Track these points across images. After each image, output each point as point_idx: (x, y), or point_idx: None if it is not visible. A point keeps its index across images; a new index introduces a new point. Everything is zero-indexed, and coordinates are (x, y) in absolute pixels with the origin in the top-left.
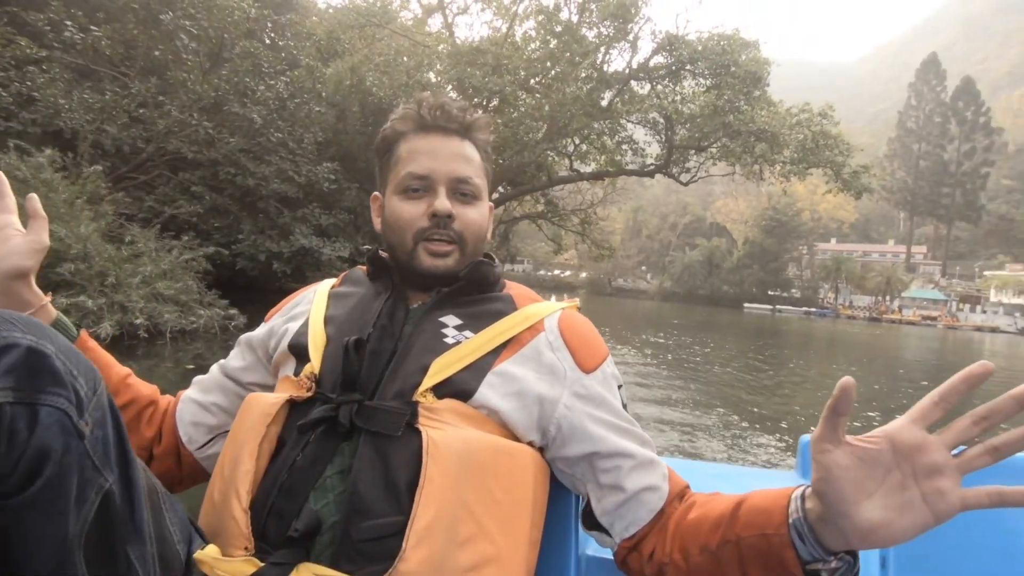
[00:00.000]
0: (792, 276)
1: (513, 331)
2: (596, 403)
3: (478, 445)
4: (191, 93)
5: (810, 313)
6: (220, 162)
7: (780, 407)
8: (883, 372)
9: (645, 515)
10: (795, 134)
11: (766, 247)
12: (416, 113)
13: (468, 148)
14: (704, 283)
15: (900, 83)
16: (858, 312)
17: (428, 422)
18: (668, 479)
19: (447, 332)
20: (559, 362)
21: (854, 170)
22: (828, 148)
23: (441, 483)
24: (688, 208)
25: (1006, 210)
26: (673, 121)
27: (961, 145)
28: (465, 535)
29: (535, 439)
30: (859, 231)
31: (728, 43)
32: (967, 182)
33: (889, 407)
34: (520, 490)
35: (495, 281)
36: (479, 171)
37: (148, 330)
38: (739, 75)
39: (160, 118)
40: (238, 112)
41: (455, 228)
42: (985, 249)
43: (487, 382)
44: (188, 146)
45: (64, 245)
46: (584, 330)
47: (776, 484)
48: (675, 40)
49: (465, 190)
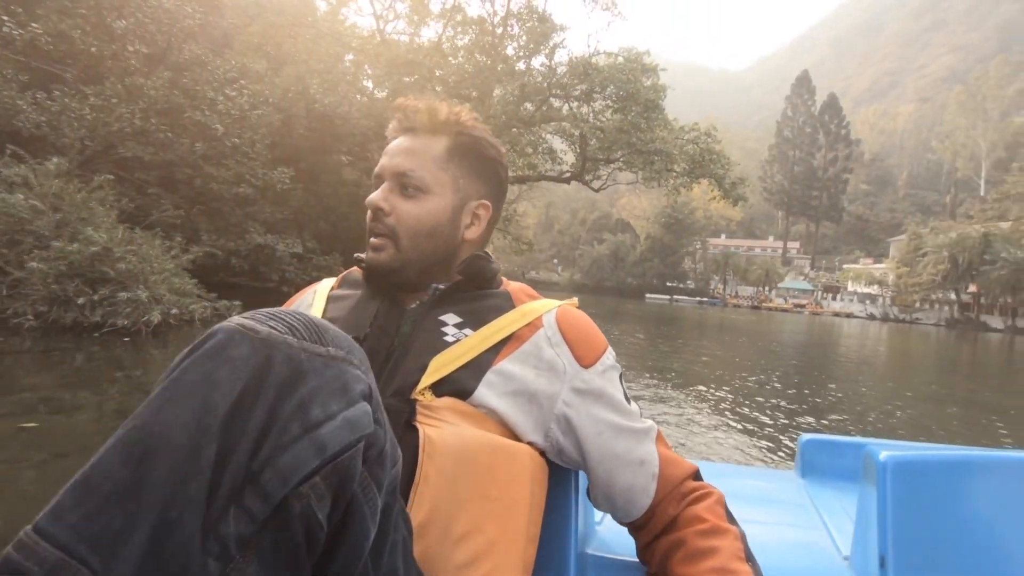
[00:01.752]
0: (687, 269)
1: (512, 328)
2: (596, 397)
3: (475, 443)
4: (147, 98)
5: (703, 302)
6: (176, 163)
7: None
8: (762, 350)
9: (635, 511)
10: (686, 148)
11: (665, 242)
12: (393, 119)
13: (428, 143)
14: (611, 275)
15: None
16: (742, 301)
17: (426, 420)
18: (659, 477)
19: (447, 330)
20: (558, 358)
21: (733, 181)
22: (713, 163)
23: (437, 481)
24: (596, 204)
25: (863, 211)
26: (587, 137)
27: (827, 153)
28: (460, 532)
29: (537, 440)
30: (745, 228)
31: (632, 70)
32: (831, 186)
33: (768, 375)
34: (517, 488)
35: (492, 277)
36: (432, 165)
37: (177, 318)
38: (641, 101)
39: (115, 121)
40: (200, 120)
41: (387, 222)
42: (846, 245)
43: (486, 381)
44: (145, 148)
45: (104, 249)
46: (582, 325)
47: (776, 484)
48: (588, 67)
49: (406, 183)
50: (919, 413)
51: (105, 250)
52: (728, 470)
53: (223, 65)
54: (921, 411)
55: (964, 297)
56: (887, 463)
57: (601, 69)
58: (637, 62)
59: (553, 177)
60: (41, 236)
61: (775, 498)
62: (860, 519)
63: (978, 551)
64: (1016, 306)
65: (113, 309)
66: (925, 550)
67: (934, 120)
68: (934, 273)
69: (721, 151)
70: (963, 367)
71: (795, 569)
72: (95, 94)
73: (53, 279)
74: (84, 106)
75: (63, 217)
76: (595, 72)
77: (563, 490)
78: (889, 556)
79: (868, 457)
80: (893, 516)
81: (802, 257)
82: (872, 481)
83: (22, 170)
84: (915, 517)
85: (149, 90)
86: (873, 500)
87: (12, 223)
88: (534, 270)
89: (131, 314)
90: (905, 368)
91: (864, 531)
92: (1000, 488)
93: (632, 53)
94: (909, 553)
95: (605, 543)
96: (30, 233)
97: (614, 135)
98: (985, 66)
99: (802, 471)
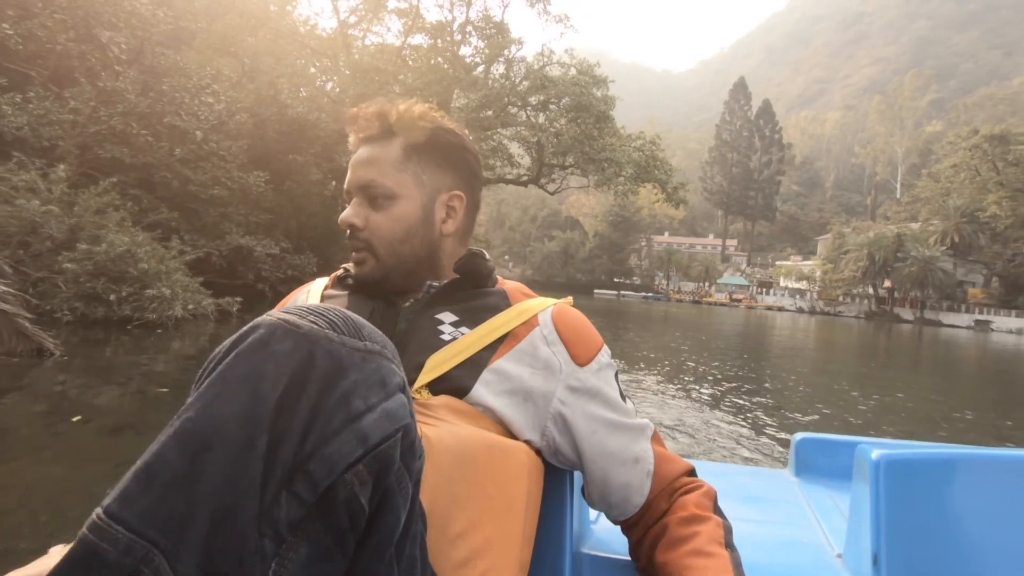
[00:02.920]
0: (634, 265)
1: (508, 326)
2: (591, 395)
3: (471, 441)
4: (126, 102)
5: (647, 297)
6: (154, 166)
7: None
8: (702, 340)
9: (630, 509)
10: (633, 156)
11: (613, 240)
12: (350, 131)
13: (381, 150)
14: (561, 271)
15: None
16: (684, 296)
17: (422, 418)
18: (653, 475)
19: (443, 328)
20: (554, 356)
21: (675, 186)
22: (657, 168)
23: (434, 479)
24: (546, 202)
25: (794, 211)
26: (543, 144)
27: (762, 156)
28: (456, 530)
29: (533, 439)
30: (687, 226)
31: (584, 83)
32: (766, 187)
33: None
34: (514, 486)
35: (488, 275)
36: (390, 169)
37: (192, 313)
38: (594, 113)
39: (93, 123)
40: (178, 125)
41: (362, 237)
42: (779, 243)
43: (482, 379)
44: (122, 150)
45: (128, 250)
46: (578, 323)
47: (770, 482)
48: (545, 79)
49: (373, 194)
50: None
51: (128, 251)
52: (722, 469)
53: (198, 72)
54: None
55: (880, 292)
56: (879, 461)
57: (556, 82)
58: (588, 74)
59: (511, 180)
60: (53, 238)
61: (769, 497)
62: (853, 517)
63: (970, 548)
64: (924, 300)
65: (139, 304)
66: (917, 547)
67: (857, 127)
68: (854, 270)
69: (664, 158)
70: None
71: (788, 567)
72: (72, 96)
73: (84, 278)
74: (64, 109)
75: (77, 221)
76: (551, 84)
77: (558, 489)
78: (882, 553)
79: (861, 455)
80: (886, 514)
81: (739, 254)
82: (865, 479)
83: (32, 176)
84: (907, 515)
85: (127, 94)
86: (866, 498)
87: (24, 226)
88: None
89: (157, 309)
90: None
91: (857, 529)
92: (992, 486)
93: (583, 64)
94: (901, 550)
95: (600, 542)
96: (46, 237)
97: (569, 143)
98: (901, 78)
99: (796, 470)
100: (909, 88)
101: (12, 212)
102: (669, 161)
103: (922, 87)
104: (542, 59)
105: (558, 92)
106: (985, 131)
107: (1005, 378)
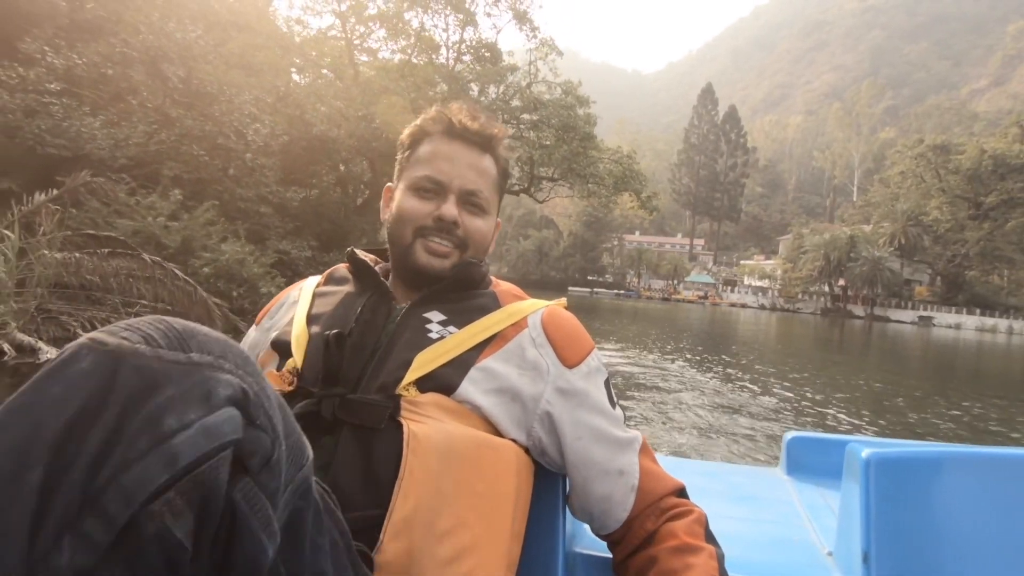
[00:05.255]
0: (606, 263)
1: (497, 327)
2: (579, 399)
3: (460, 438)
4: (183, 126)
5: (619, 294)
6: (207, 181)
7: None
8: (672, 332)
9: (611, 524)
10: (613, 169)
11: (586, 239)
12: (447, 118)
13: (486, 162)
14: (535, 269)
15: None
16: (654, 293)
17: (410, 415)
18: (637, 490)
19: (431, 327)
20: (542, 358)
21: (648, 195)
22: (633, 179)
23: (421, 476)
24: (522, 202)
25: (758, 212)
26: (535, 159)
27: (728, 159)
28: (444, 527)
29: (519, 437)
30: (656, 226)
31: (569, 104)
32: (731, 189)
33: (673, 349)
34: (502, 483)
35: (481, 279)
36: (492, 186)
37: None
38: (579, 133)
39: (155, 144)
40: (232, 147)
41: (459, 234)
42: (744, 243)
43: (470, 377)
44: (182, 167)
45: (240, 258)
46: (568, 325)
47: (762, 481)
48: (537, 102)
49: (475, 201)
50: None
51: (241, 258)
52: (713, 468)
53: (238, 95)
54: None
55: (835, 290)
56: (869, 460)
57: (547, 104)
58: (572, 93)
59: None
60: (168, 248)
61: (760, 495)
62: (843, 515)
63: (959, 545)
64: (874, 297)
65: (252, 299)
66: (907, 545)
67: (817, 131)
68: (812, 269)
69: (639, 171)
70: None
71: (779, 564)
72: (140, 121)
73: (212, 279)
74: (137, 132)
75: (189, 234)
76: (542, 106)
77: (550, 488)
78: (872, 551)
79: (851, 454)
80: (876, 512)
81: (706, 253)
82: (855, 478)
83: (153, 199)
84: (897, 512)
85: (186, 120)
86: (856, 496)
87: (150, 238)
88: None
89: (266, 303)
90: (789, 345)
91: (847, 527)
92: (980, 483)
93: (568, 85)
94: (891, 548)
95: (593, 542)
96: (164, 247)
97: (558, 160)
98: (858, 85)
99: (787, 468)
100: (865, 96)
101: (139, 227)
102: (643, 173)
103: (877, 95)
104: (528, 76)
105: (548, 114)
106: (929, 141)
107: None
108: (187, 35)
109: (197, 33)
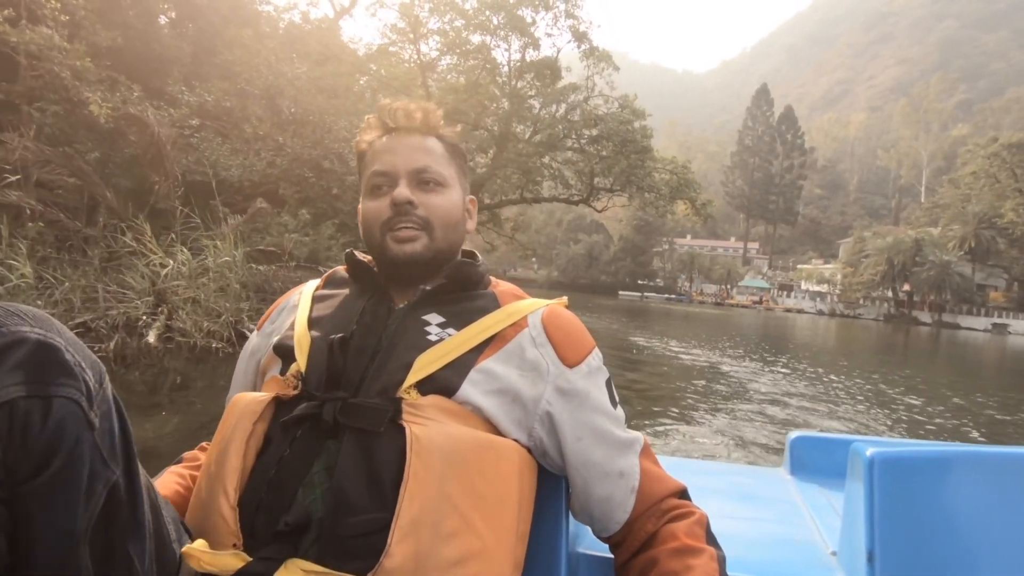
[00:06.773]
0: (657, 268)
1: (496, 328)
2: (580, 399)
3: (462, 440)
4: (292, 153)
5: (670, 299)
6: (312, 199)
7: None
8: (726, 336)
9: (612, 526)
10: (669, 180)
11: (636, 243)
12: (379, 119)
13: (429, 142)
14: (585, 273)
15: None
16: (707, 298)
17: (412, 418)
18: (638, 492)
19: (430, 330)
20: (542, 358)
21: (703, 203)
22: (688, 188)
23: (425, 478)
24: (571, 207)
25: (816, 214)
26: (595, 171)
27: (783, 161)
28: (450, 530)
29: (521, 439)
30: (709, 229)
31: (626, 119)
32: (787, 192)
33: (733, 355)
34: (506, 484)
35: (479, 280)
36: (442, 161)
37: None
38: (636, 147)
39: (269, 167)
40: (334, 169)
41: (419, 214)
42: (800, 246)
43: (470, 379)
44: (291, 187)
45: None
46: (568, 325)
47: (765, 481)
48: (598, 118)
49: (427, 178)
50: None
51: None
52: (717, 468)
53: (339, 123)
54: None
55: (900, 295)
56: (874, 459)
57: (604, 118)
58: (629, 107)
59: (564, 199)
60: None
61: (764, 495)
62: (847, 515)
63: (964, 545)
64: (942, 303)
65: None
66: (911, 545)
67: (882, 129)
68: (874, 273)
69: (694, 179)
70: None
71: (783, 564)
72: (262, 148)
73: None
74: (261, 160)
75: (315, 247)
76: (601, 121)
77: (553, 488)
78: (876, 551)
79: (855, 454)
80: (880, 512)
81: (761, 257)
82: (859, 477)
83: (286, 218)
84: (901, 512)
85: (296, 146)
86: (860, 496)
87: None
88: (513, 268)
89: None
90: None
91: (851, 527)
92: (985, 483)
93: (624, 99)
94: (896, 548)
95: (596, 543)
96: (292, 258)
97: (617, 173)
98: (927, 80)
99: (791, 468)
100: (935, 91)
101: (274, 240)
102: (698, 181)
103: (947, 90)
104: (586, 91)
105: (607, 129)
106: (1004, 139)
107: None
108: (295, 71)
109: (303, 69)
